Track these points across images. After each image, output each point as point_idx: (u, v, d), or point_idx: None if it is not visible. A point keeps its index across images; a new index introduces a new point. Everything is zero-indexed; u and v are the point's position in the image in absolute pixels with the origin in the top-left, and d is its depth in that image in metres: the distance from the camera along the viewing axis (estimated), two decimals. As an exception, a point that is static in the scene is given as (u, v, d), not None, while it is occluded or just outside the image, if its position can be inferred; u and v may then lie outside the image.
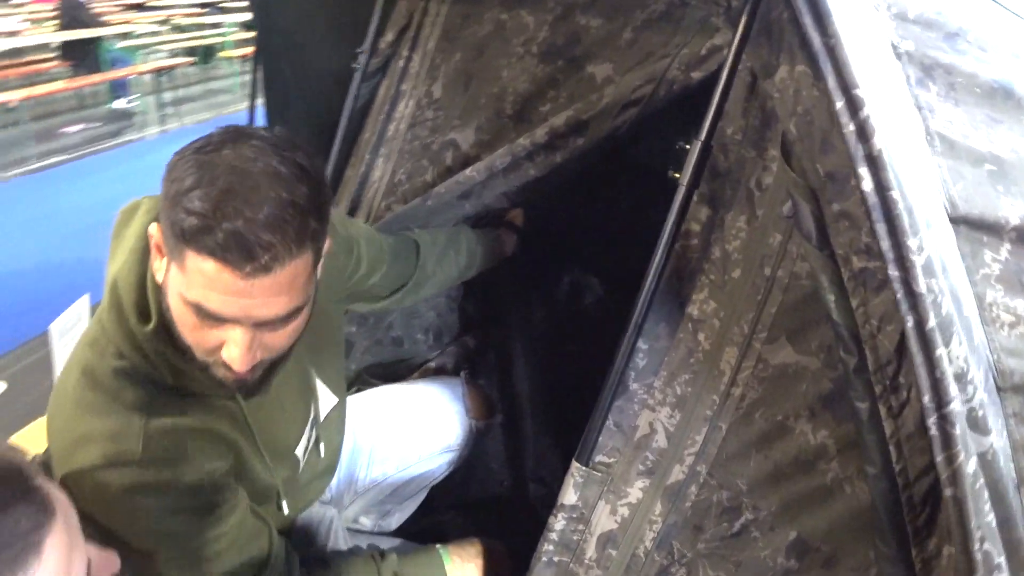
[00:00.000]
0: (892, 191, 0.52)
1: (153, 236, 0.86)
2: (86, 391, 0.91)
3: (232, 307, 0.82)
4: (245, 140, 0.82)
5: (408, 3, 1.61)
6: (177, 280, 0.83)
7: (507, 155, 1.30)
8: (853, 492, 0.91)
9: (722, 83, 0.86)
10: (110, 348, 0.92)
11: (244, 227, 0.77)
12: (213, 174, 0.78)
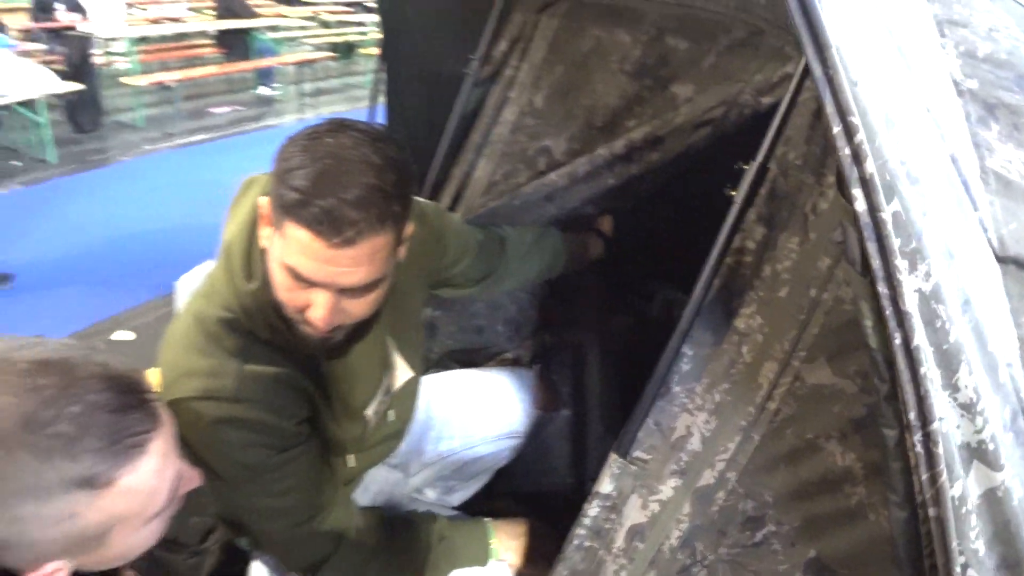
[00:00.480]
0: (882, 212, 0.56)
1: (262, 207, 0.99)
2: (195, 334, 1.06)
3: (320, 272, 0.94)
4: (345, 131, 0.95)
5: (521, 16, 1.71)
6: (278, 246, 0.96)
7: (588, 163, 1.38)
8: (876, 519, 0.92)
9: (783, 109, 0.91)
10: (218, 300, 1.06)
11: (335, 204, 0.89)
12: (314, 156, 0.91)
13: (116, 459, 0.70)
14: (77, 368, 0.70)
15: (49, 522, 0.68)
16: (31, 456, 0.65)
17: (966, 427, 0.68)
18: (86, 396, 0.69)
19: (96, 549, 0.75)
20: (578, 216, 1.69)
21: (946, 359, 0.64)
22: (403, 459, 1.60)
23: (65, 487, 0.67)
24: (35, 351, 0.70)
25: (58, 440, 0.66)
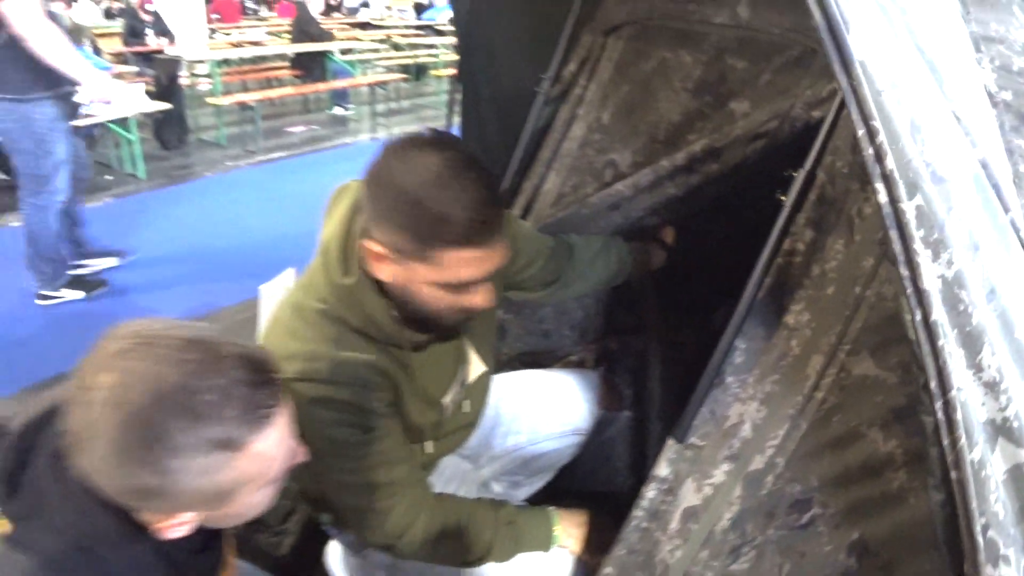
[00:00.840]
0: (902, 204, 0.65)
1: (374, 250, 1.11)
2: (295, 321, 1.19)
3: (482, 272, 1.12)
4: (421, 153, 1.08)
5: (590, 38, 1.82)
6: (426, 274, 1.11)
7: (651, 174, 1.47)
8: (916, 503, 0.98)
9: (830, 121, 0.99)
10: (314, 293, 1.20)
11: (476, 215, 1.05)
12: (429, 187, 1.05)
13: (250, 426, 0.82)
14: (220, 347, 0.82)
15: (191, 476, 0.79)
16: (184, 418, 0.77)
17: (991, 404, 0.75)
18: (228, 371, 0.80)
19: (221, 506, 0.87)
20: (642, 226, 1.78)
21: (969, 340, 0.72)
22: (474, 451, 1.70)
23: (208, 447, 0.79)
24: (184, 331, 0.82)
25: (206, 406, 0.78)
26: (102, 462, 0.77)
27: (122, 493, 0.81)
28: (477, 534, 1.36)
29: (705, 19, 1.43)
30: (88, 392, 0.76)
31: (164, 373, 0.77)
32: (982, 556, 0.74)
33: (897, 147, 0.65)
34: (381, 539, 1.32)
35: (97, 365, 0.77)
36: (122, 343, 0.78)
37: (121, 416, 0.75)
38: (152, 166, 6.03)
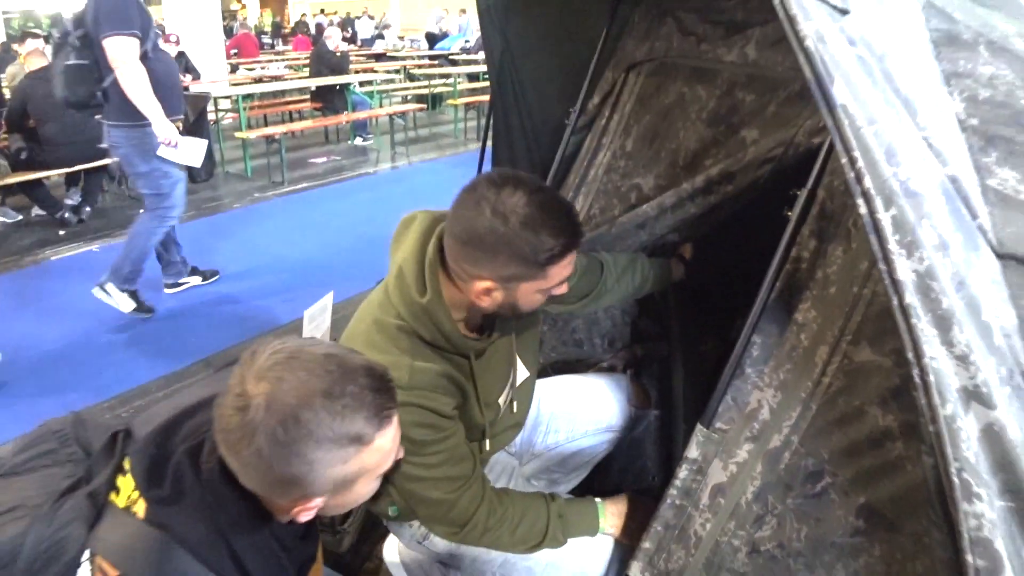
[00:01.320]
0: (878, 214, 0.83)
1: (483, 287, 1.32)
2: (375, 335, 1.38)
3: (572, 267, 1.36)
4: (506, 190, 1.27)
5: (613, 74, 2.02)
6: (537, 285, 1.33)
7: (674, 196, 1.66)
8: (912, 469, 1.14)
9: (826, 146, 1.18)
10: (391, 311, 1.38)
11: (569, 230, 1.29)
12: (530, 221, 1.25)
13: (376, 424, 1.00)
14: (350, 359, 1.00)
15: (328, 465, 0.97)
16: (328, 416, 0.94)
17: (962, 374, 0.92)
18: (358, 379, 0.99)
19: (343, 493, 1.04)
20: (664, 242, 1.97)
21: (941, 321, 0.89)
22: (519, 449, 1.88)
23: (344, 441, 0.97)
24: (319, 347, 1.00)
25: (343, 408, 0.96)
26: (256, 456, 0.94)
27: (269, 483, 0.98)
28: (531, 525, 1.53)
29: (717, 58, 1.63)
30: (245, 399, 0.94)
31: (310, 382, 0.95)
32: (958, 493, 0.91)
33: (874, 170, 0.84)
34: (447, 528, 1.49)
35: (252, 377, 0.95)
36: (271, 358, 0.96)
37: (277, 417, 0.93)
38: (182, 199, 6.29)
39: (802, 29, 0.82)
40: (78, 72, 3.45)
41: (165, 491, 1.02)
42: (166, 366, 3.45)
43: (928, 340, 0.87)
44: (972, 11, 1.23)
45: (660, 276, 1.99)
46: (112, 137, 3.65)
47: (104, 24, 3.33)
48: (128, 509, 1.04)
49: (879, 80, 0.93)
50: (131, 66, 3.43)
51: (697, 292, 2.15)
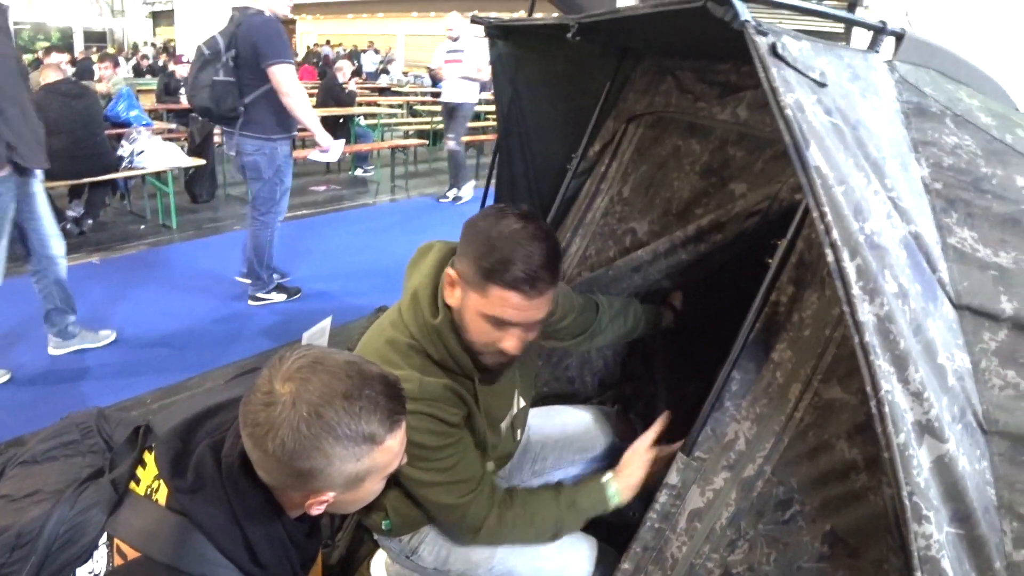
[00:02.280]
0: (844, 263, 0.95)
1: (451, 275, 1.43)
2: (389, 352, 1.49)
3: (518, 317, 1.39)
4: (511, 214, 1.39)
5: (614, 124, 2.15)
6: (477, 303, 1.40)
7: (667, 242, 1.78)
8: (875, 499, 1.24)
9: (805, 202, 1.30)
10: (404, 331, 1.50)
11: (529, 269, 1.33)
12: (503, 238, 1.35)
13: (388, 426, 1.11)
14: (367, 367, 1.11)
15: (343, 460, 1.07)
16: (347, 415, 1.05)
17: (916, 409, 1.03)
18: (375, 385, 1.09)
19: (353, 489, 1.14)
20: (658, 287, 2.09)
21: (898, 360, 1.00)
22: (509, 475, 1.98)
23: (359, 439, 1.07)
24: (342, 356, 1.11)
25: (361, 409, 1.06)
26: (281, 448, 1.03)
27: (289, 475, 1.07)
28: (544, 519, 1.60)
29: (711, 116, 1.77)
30: (272, 395, 1.05)
31: (332, 384, 1.06)
32: (909, 515, 1.02)
33: (842, 224, 0.96)
34: (465, 530, 1.57)
35: (279, 378, 1.06)
36: (297, 362, 1.08)
37: (302, 413, 1.03)
38: (183, 218, 6.40)
39: (783, 99, 0.95)
40: (225, 88, 3.95)
41: (187, 481, 1.11)
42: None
43: (885, 376, 0.98)
44: (941, 86, 1.36)
45: (651, 321, 2.11)
46: (244, 146, 4.14)
47: (269, 52, 3.86)
48: (149, 497, 1.13)
49: (851, 146, 1.06)
50: (298, 89, 4.02)
51: (683, 336, 2.26)
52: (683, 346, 2.33)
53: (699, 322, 2.23)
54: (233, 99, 3.99)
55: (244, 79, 3.97)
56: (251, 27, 3.88)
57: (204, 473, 1.12)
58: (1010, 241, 1.18)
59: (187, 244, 5.82)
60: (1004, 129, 1.26)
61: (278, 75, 3.91)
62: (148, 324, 4.17)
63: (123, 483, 1.14)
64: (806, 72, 1.01)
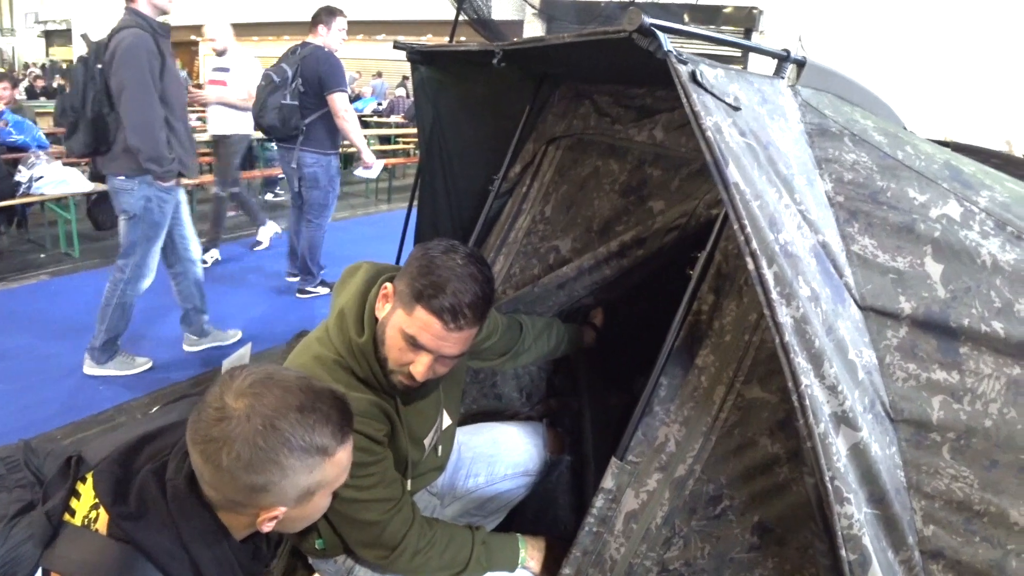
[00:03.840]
0: (763, 271, 1.04)
1: (387, 289, 1.48)
2: (316, 368, 1.51)
3: (432, 343, 1.43)
4: (460, 251, 1.46)
5: (534, 146, 2.23)
6: (401, 319, 1.44)
7: (591, 259, 1.86)
8: (798, 489, 1.33)
9: (722, 216, 1.40)
10: (331, 348, 1.52)
11: (456, 303, 1.39)
12: (442, 267, 1.41)
13: (340, 439, 1.14)
14: (317, 384, 1.15)
15: (297, 473, 1.09)
16: (301, 427, 1.08)
17: (832, 401, 1.12)
18: (325, 399, 1.13)
19: (303, 504, 1.16)
20: (580, 306, 2.17)
21: (814, 358, 1.10)
22: (440, 490, 2.01)
23: (313, 451, 1.10)
24: (292, 372, 1.14)
25: (314, 422, 1.09)
26: (236, 461, 1.05)
27: (241, 490, 1.08)
28: (458, 550, 1.64)
29: (628, 138, 1.86)
30: (225, 410, 1.06)
31: (287, 397, 1.09)
32: (832, 498, 1.11)
33: (760, 235, 1.05)
34: (379, 551, 1.58)
35: (231, 394, 1.08)
36: (249, 378, 1.10)
37: (258, 425, 1.05)
38: (86, 246, 6.16)
39: (704, 122, 1.04)
40: (291, 110, 4.69)
41: (130, 507, 1.11)
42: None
43: (804, 372, 1.08)
44: (839, 108, 1.49)
45: (573, 340, 2.19)
46: (305, 159, 4.86)
47: (330, 82, 4.62)
48: (87, 527, 1.11)
49: (764, 164, 1.16)
50: (351, 114, 4.85)
51: (606, 350, 2.35)
52: (606, 359, 2.41)
53: (622, 335, 2.33)
54: (296, 119, 4.72)
55: (306, 103, 4.71)
56: (317, 60, 4.62)
57: (148, 498, 1.12)
58: (905, 247, 1.29)
59: (91, 273, 5.60)
60: (895, 146, 1.38)
61: (337, 101, 4.68)
62: (39, 358, 4.01)
63: (57, 515, 1.12)
64: (722, 97, 1.10)
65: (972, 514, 1.21)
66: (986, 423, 1.22)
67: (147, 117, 3.34)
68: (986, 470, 1.21)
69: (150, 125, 3.36)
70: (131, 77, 3.27)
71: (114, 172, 3.53)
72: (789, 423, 1.35)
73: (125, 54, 3.25)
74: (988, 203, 1.33)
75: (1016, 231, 1.29)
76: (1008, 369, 1.22)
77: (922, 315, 1.26)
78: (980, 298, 1.25)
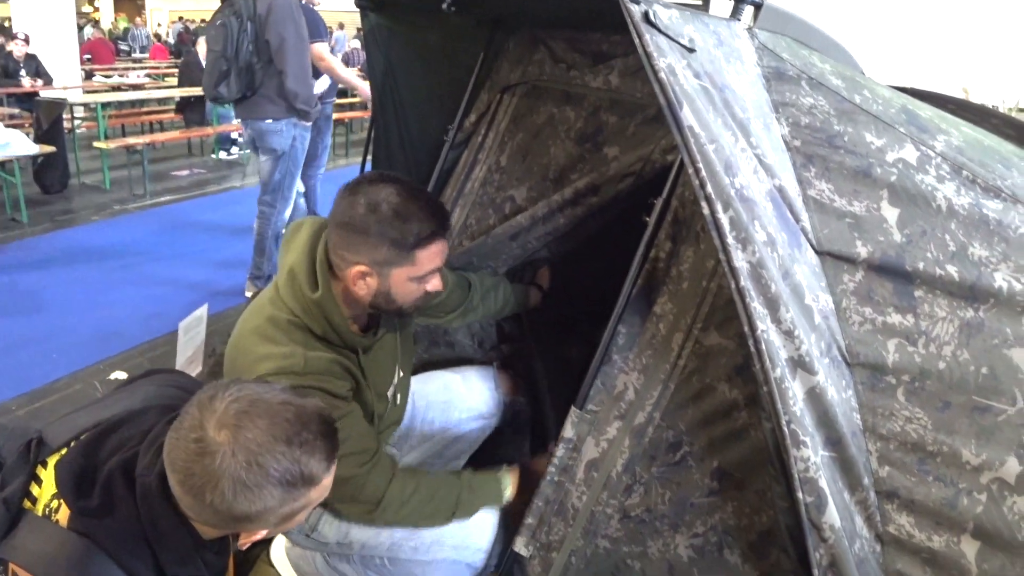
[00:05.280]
0: (718, 215, 1.02)
1: (357, 272, 1.45)
2: (270, 330, 1.47)
3: (442, 259, 1.50)
4: (380, 181, 1.45)
5: (488, 95, 2.18)
6: (406, 272, 1.47)
7: (545, 207, 1.84)
8: (755, 434, 1.35)
9: (678, 162, 1.38)
10: (285, 307, 1.49)
11: (435, 212, 1.44)
12: (397, 205, 1.41)
13: (326, 467, 1.09)
14: (304, 408, 1.08)
15: (281, 504, 1.04)
16: (288, 461, 1.02)
17: (789, 346, 1.13)
18: (311, 426, 1.06)
19: (285, 524, 1.12)
20: (533, 260, 2.15)
21: (770, 303, 1.09)
22: (397, 442, 2.00)
23: (298, 483, 1.04)
24: (277, 395, 1.07)
25: (302, 453, 1.04)
26: (220, 499, 1.00)
27: (225, 520, 1.04)
28: (444, 498, 1.63)
29: (584, 84, 1.83)
30: (206, 443, 1.00)
31: (272, 429, 1.03)
32: (788, 441, 1.12)
33: (715, 179, 1.03)
34: (364, 506, 1.56)
35: (213, 424, 1.01)
36: (231, 406, 1.03)
37: (242, 461, 0.99)
38: (34, 211, 5.96)
39: (656, 64, 1.01)
40: None
41: (94, 502, 1.06)
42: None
43: (760, 317, 1.07)
44: (796, 51, 1.46)
45: (520, 300, 2.19)
46: (325, 110, 5.00)
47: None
48: (47, 517, 1.07)
49: (719, 107, 1.13)
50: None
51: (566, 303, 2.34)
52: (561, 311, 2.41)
53: (579, 287, 2.32)
54: None
55: None
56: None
57: (114, 493, 1.07)
58: (862, 191, 1.29)
59: (42, 238, 5.44)
60: (852, 91, 1.37)
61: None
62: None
63: (16, 502, 1.09)
64: (676, 38, 1.07)
65: (925, 454, 1.23)
66: (940, 365, 1.23)
67: (304, 66, 3.91)
68: (939, 411, 1.23)
69: (306, 73, 3.96)
70: (291, 32, 3.77)
71: (261, 116, 4.00)
72: (747, 369, 1.35)
73: (282, 12, 3.74)
74: (944, 147, 1.32)
75: (971, 175, 1.29)
76: (962, 312, 1.23)
77: (878, 259, 1.26)
78: (935, 242, 1.25)
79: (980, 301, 1.23)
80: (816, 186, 1.30)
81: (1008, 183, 1.30)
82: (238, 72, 3.84)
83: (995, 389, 1.21)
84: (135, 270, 4.81)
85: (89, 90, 9.42)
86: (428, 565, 1.70)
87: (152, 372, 1.41)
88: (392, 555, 1.70)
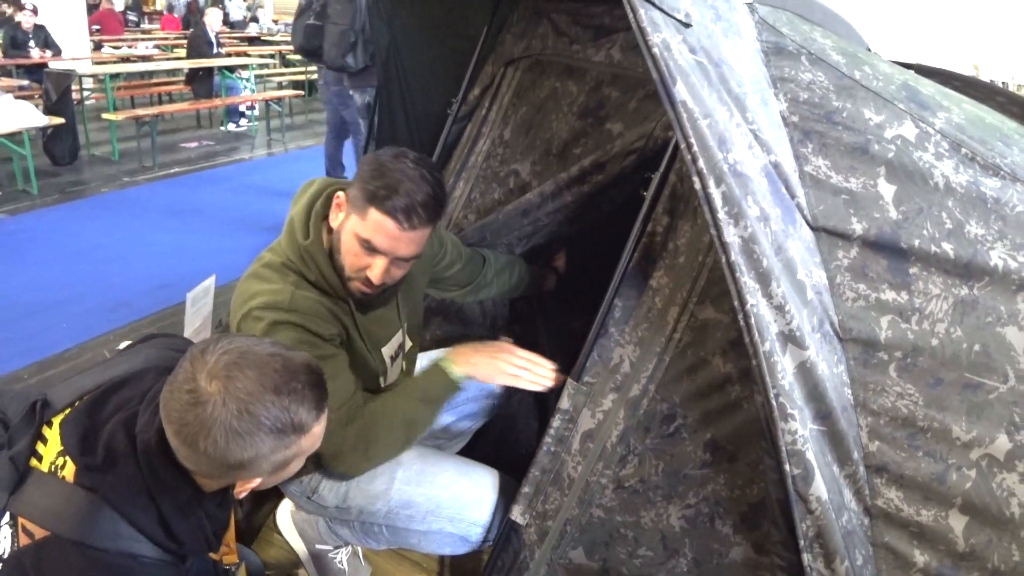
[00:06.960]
0: (710, 189, 1.03)
1: (340, 198, 1.50)
2: (264, 271, 1.54)
3: (386, 245, 1.45)
4: (410, 155, 1.47)
5: (492, 68, 2.18)
6: (355, 224, 1.46)
7: (552, 184, 1.85)
8: (748, 408, 1.36)
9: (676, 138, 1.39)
10: (280, 252, 1.55)
11: (409, 203, 1.41)
12: (394, 170, 1.43)
13: (316, 416, 1.12)
14: (292, 359, 1.10)
15: (273, 452, 1.07)
16: (277, 408, 1.05)
17: (780, 320, 1.14)
18: (299, 376, 1.09)
19: (279, 473, 1.16)
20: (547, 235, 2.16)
21: (761, 277, 1.10)
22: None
23: (289, 431, 1.07)
24: (266, 347, 1.10)
25: (291, 401, 1.06)
26: (213, 446, 1.02)
27: (219, 468, 1.07)
28: (400, 419, 1.60)
29: (586, 58, 1.83)
30: (199, 394, 1.03)
31: (261, 379, 1.05)
32: (776, 414, 1.13)
33: (707, 154, 1.04)
34: (356, 445, 1.54)
35: (204, 375, 1.04)
36: (222, 358, 1.05)
37: (233, 410, 1.02)
38: (44, 182, 6.00)
39: (651, 39, 1.01)
40: (315, 30, 4.53)
41: (98, 458, 1.09)
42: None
43: (750, 291, 1.08)
44: (797, 27, 1.46)
45: (535, 281, 2.21)
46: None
47: None
48: (54, 473, 1.10)
49: (715, 82, 1.14)
50: None
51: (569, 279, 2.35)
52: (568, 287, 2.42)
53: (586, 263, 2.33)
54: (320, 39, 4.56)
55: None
56: None
57: (116, 450, 1.10)
58: (859, 168, 1.29)
59: (51, 210, 5.48)
60: (853, 66, 1.37)
61: None
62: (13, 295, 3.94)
63: (23, 460, 1.11)
64: (672, 13, 1.07)
65: (916, 430, 1.24)
66: (932, 342, 1.24)
67: None
68: (931, 388, 1.24)
69: None
70: None
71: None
72: (741, 343, 1.35)
73: None
74: (944, 125, 1.32)
75: (970, 152, 1.29)
76: (956, 289, 1.24)
77: (873, 236, 1.26)
78: (931, 219, 1.26)
79: (975, 279, 1.24)
80: (813, 162, 1.31)
81: (1008, 161, 1.30)
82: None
83: (987, 366, 1.23)
84: (143, 241, 4.84)
85: (98, 61, 9.41)
86: (424, 535, 1.72)
87: (152, 336, 1.43)
88: (389, 523, 1.72)
